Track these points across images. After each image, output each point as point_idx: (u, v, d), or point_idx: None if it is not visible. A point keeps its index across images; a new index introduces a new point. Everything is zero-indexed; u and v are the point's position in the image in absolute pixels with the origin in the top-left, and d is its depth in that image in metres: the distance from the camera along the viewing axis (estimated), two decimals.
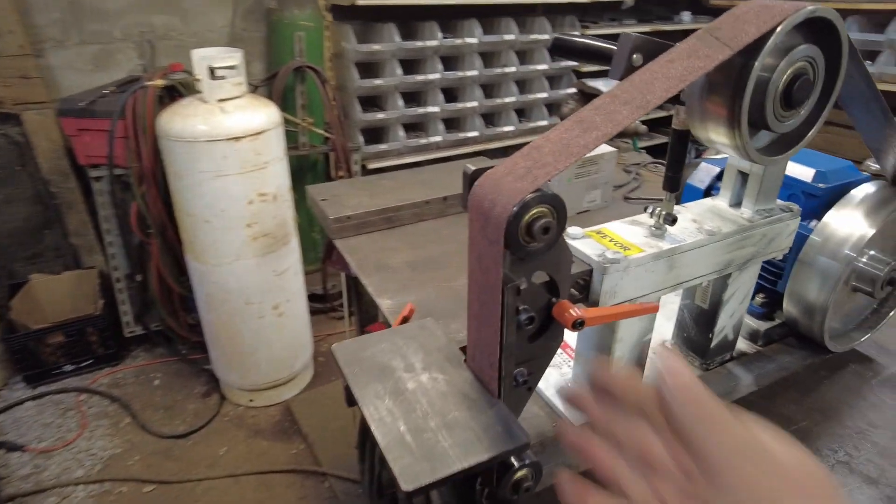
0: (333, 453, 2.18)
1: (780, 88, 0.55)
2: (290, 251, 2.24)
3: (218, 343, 2.27)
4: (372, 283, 1.16)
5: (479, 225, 0.51)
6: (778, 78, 0.54)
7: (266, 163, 2.00)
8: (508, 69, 3.09)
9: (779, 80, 0.55)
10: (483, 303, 0.54)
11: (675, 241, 0.73)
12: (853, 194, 0.86)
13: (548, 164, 0.48)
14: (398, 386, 0.57)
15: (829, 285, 0.84)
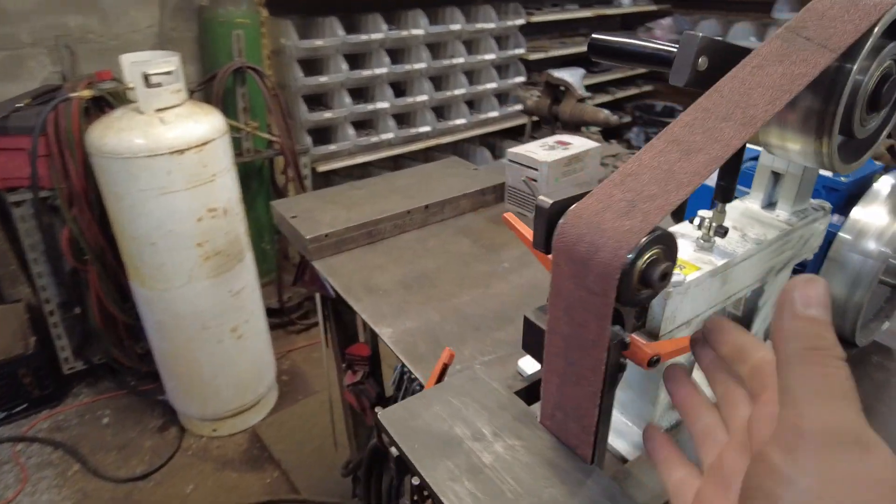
0: (311, 478, 2.06)
1: (869, 91, 0.50)
2: (245, 268, 2.08)
3: (174, 372, 2.09)
4: (366, 310, 1.06)
5: (572, 272, 0.43)
6: (868, 81, 0.49)
7: (214, 175, 1.84)
8: (456, 60, 3.01)
9: (869, 82, 0.49)
10: (573, 361, 0.46)
11: (727, 254, 0.68)
12: (877, 188, 0.84)
13: (655, 195, 0.41)
14: (472, 461, 0.48)
15: (865, 283, 0.81)
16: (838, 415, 0.28)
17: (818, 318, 0.31)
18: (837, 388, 0.29)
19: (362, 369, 1.51)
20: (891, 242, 0.79)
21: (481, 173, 1.49)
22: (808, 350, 0.30)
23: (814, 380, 0.29)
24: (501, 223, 1.36)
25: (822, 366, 0.29)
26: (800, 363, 0.30)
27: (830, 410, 0.28)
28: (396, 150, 3.00)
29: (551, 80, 1.83)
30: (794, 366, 0.30)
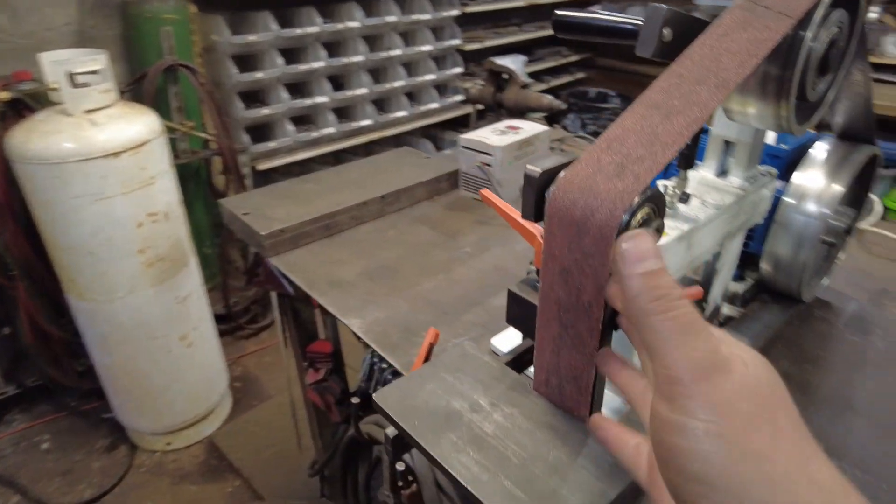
0: (275, 483, 2.01)
1: (819, 57, 0.53)
2: (190, 273, 2.01)
3: (120, 388, 1.99)
4: (332, 303, 1.04)
5: (566, 237, 0.44)
6: (819, 46, 0.53)
7: (152, 178, 1.75)
8: (394, 52, 2.99)
9: (819, 48, 0.53)
10: (567, 325, 0.47)
11: (691, 219, 0.71)
12: (813, 154, 0.89)
13: (643, 157, 0.42)
14: (474, 432, 0.49)
15: (809, 242, 0.87)
16: (695, 350, 0.30)
17: (653, 270, 0.33)
18: (687, 326, 0.31)
19: (325, 366, 1.49)
20: (828, 203, 0.85)
21: (434, 161, 1.49)
22: (652, 302, 0.32)
23: (665, 326, 0.31)
24: (458, 209, 1.37)
25: (668, 311, 0.32)
26: (650, 316, 0.32)
27: (687, 349, 0.30)
28: (338, 145, 2.95)
29: (494, 67, 1.85)
30: (646, 320, 0.32)
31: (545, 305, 0.49)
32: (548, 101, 1.75)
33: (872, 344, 0.93)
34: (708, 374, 0.30)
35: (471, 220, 1.31)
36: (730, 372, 0.30)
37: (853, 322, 0.98)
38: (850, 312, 1.00)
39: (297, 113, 2.81)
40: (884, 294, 1.04)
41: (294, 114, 2.78)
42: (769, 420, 0.29)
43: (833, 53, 0.54)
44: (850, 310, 1.01)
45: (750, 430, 0.29)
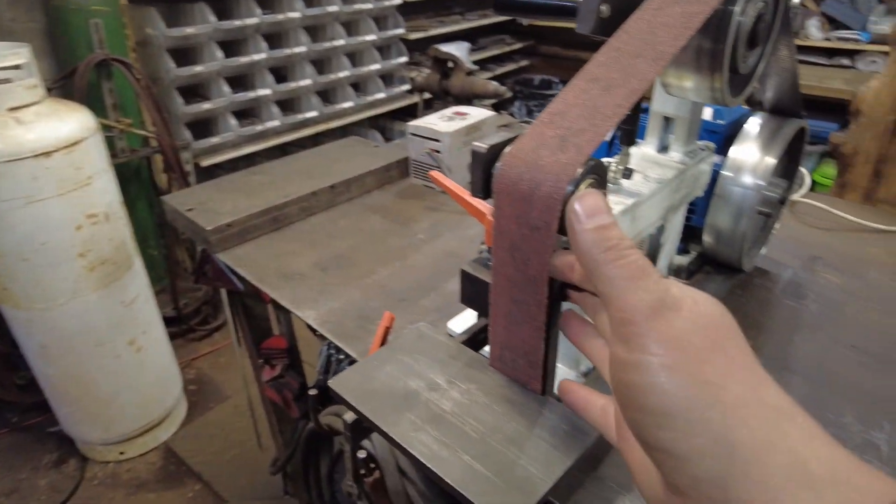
0: (237, 485, 1.97)
1: (747, 30, 0.56)
2: (136, 275, 1.94)
3: (66, 398, 1.91)
4: (284, 296, 1.02)
5: (514, 211, 0.44)
6: (747, 20, 0.55)
7: (89, 177, 1.68)
8: (337, 42, 2.94)
9: (748, 22, 0.55)
10: (518, 300, 0.48)
11: (634, 194, 0.73)
12: (748, 129, 0.93)
13: (584, 129, 0.43)
14: (432, 410, 0.49)
15: (746, 213, 0.90)
16: (646, 291, 0.32)
17: (603, 224, 0.35)
18: (636, 270, 0.33)
19: (281, 363, 1.46)
20: (763, 175, 0.89)
21: (383, 150, 1.48)
22: (603, 252, 0.34)
23: (616, 272, 0.33)
24: (409, 197, 1.36)
25: (619, 258, 0.34)
26: (601, 266, 0.34)
27: (638, 291, 0.32)
28: (283, 138, 2.89)
29: (439, 54, 1.84)
30: (599, 270, 0.34)
31: (497, 281, 0.49)
32: (493, 87, 1.76)
33: (807, 307, 0.98)
34: (659, 312, 0.31)
35: (422, 206, 1.31)
36: (680, 309, 0.32)
37: (789, 288, 1.03)
38: (786, 279, 1.05)
39: (240, 107, 2.73)
40: (815, 261, 1.10)
41: (237, 108, 2.71)
42: (721, 351, 0.31)
43: (760, 27, 0.56)
44: (786, 277, 1.06)
45: (702, 361, 0.30)
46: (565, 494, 0.63)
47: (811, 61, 3.38)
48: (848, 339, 0.90)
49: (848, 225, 1.22)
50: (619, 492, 0.64)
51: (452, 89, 1.87)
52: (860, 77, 3.06)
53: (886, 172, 1.35)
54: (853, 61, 3.29)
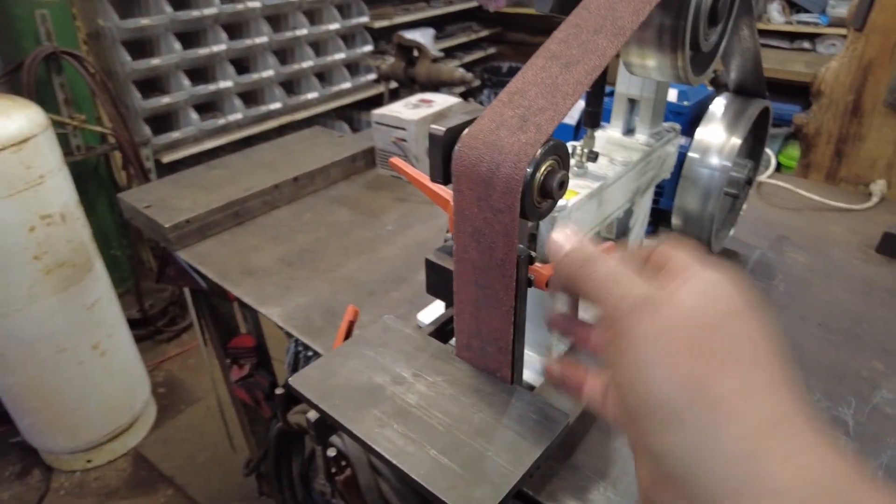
0: (211, 488, 1.93)
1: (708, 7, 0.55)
2: (97, 277, 1.87)
3: (28, 408, 1.84)
4: (248, 293, 0.99)
5: (475, 195, 0.42)
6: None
7: (42, 177, 1.61)
8: (300, 32, 2.88)
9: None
10: (484, 285, 0.46)
11: (600, 177, 0.72)
12: (713, 110, 0.93)
13: (544, 108, 0.41)
14: (398, 405, 0.47)
15: (714, 194, 0.90)
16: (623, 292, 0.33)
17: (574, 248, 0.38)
18: (613, 275, 0.35)
19: (249, 361, 1.43)
20: (728, 156, 0.89)
21: (347, 140, 1.45)
22: (579, 269, 0.36)
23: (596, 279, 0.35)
24: (377, 188, 1.34)
25: (595, 268, 0.36)
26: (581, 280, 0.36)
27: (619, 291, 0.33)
28: (247, 132, 2.82)
29: (403, 41, 1.81)
30: (581, 284, 0.36)
31: (461, 268, 0.48)
32: (460, 74, 1.74)
33: (775, 287, 0.99)
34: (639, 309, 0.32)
35: (391, 197, 1.29)
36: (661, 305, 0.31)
37: (758, 268, 1.04)
38: (754, 260, 1.06)
39: (201, 100, 2.66)
40: (782, 241, 1.11)
41: (197, 101, 2.63)
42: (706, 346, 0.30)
43: (721, 4, 0.56)
44: (754, 257, 1.07)
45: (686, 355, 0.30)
46: (539, 484, 0.62)
47: (773, 45, 3.43)
48: (815, 317, 0.91)
49: (812, 204, 1.23)
50: (593, 479, 0.63)
51: (418, 77, 1.84)
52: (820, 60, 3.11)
53: (847, 152, 1.38)
54: (814, 44, 3.35)
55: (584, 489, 0.62)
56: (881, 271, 1.01)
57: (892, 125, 1.29)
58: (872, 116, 1.31)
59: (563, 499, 0.60)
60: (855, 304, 0.93)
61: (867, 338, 0.86)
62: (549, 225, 0.64)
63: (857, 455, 0.67)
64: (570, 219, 0.67)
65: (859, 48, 1.30)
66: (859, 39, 1.29)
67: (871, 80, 1.29)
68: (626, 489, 0.61)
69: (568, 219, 0.66)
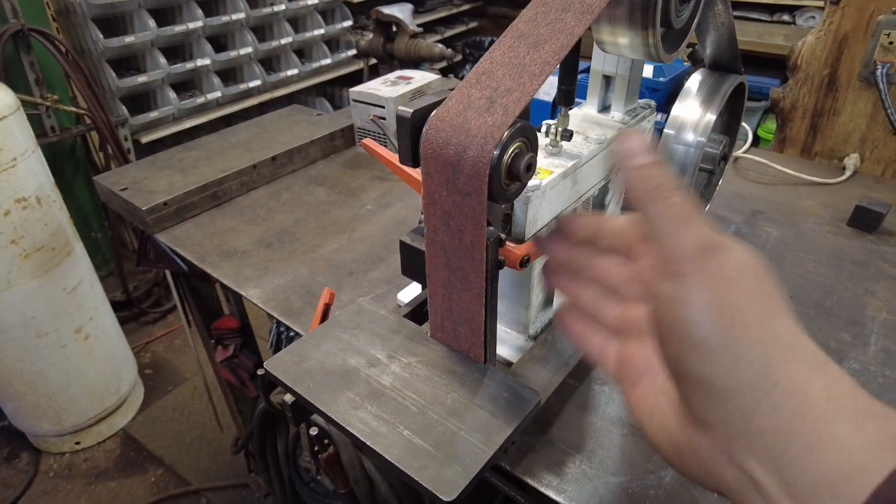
0: (200, 467, 1.95)
1: None
2: (77, 260, 1.85)
3: (11, 393, 1.83)
4: (227, 275, 0.99)
5: (443, 178, 0.43)
6: None
7: (14, 160, 1.58)
8: (278, 7, 2.82)
9: None
10: (454, 268, 0.47)
11: (574, 156, 0.72)
12: (689, 86, 0.93)
13: (511, 89, 0.41)
14: (372, 387, 0.48)
15: (690, 170, 0.91)
16: (693, 232, 0.33)
17: (646, 163, 0.36)
18: (684, 211, 0.34)
19: (233, 342, 1.43)
20: (703, 132, 0.90)
21: (325, 118, 1.43)
22: (650, 191, 0.35)
23: (666, 213, 0.34)
24: (356, 167, 1.33)
25: (665, 198, 0.35)
26: (650, 204, 0.35)
27: (687, 232, 0.33)
28: (226, 110, 2.78)
29: (382, 17, 1.78)
30: (648, 209, 0.35)
31: (432, 251, 0.48)
32: (439, 50, 1.72)
33: None
34: (707, 252, 0.32)
35: (369, 176, 1.28)
36: (726, 251, 0.32)
37: None
38: (729, 234, 1.08)
39: (178, 79, 2.61)
40: (757, 215, 1.13)
41: (175, 80, 2.58)
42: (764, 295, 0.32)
43: None
44: (730, 231, 1.08)
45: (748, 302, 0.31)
46: (516, 459, 0.63)
47: (753, 17, 3.42)
48: (787, 290, 0.93)
49: (787, 179, 1.24)
50: (569, 453, 0.64)
51: (397, 53, 1.81)
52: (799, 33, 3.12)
53: (822, 126, 1.39)
54: (793, 17, 3.35)
55: (561, 463, 0.63)
56: (851, 244, 1.04)
57: (866, 99, 1.31)
58: (847, 91, 1.32)
59: (540, 473, 0.62)
60: (825, 277, 0.95)
61: (836, 310, 0.88)
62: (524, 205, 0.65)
63: None
64: (545, 198, 0.67)
65: (835, 22, 1.30)
66: (835, 13, 1.30)
67: (847, 55, 1.30)
68: (600, 462, 0.63)
69: (542, 198, 0.67)
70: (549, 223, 0.71)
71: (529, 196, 0.64)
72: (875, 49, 1.26)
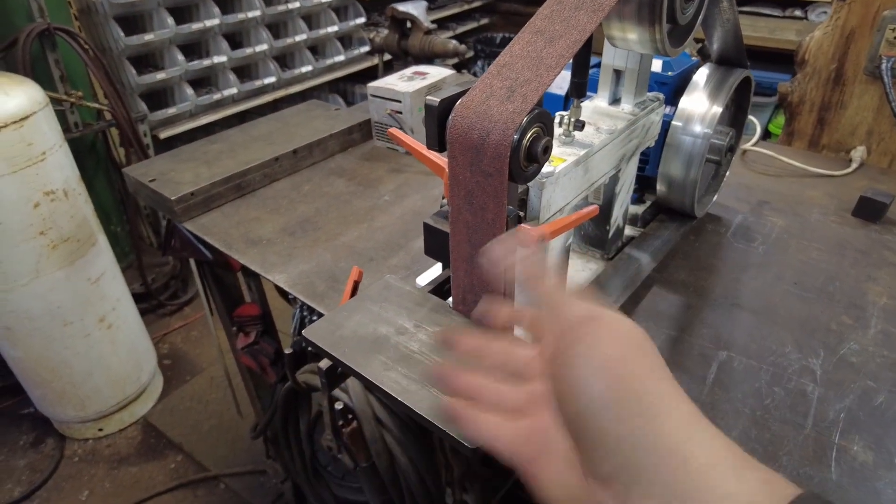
0: (218, 453, 2.01)
1: None
2: (101, 251, 1.91)
3: (38, 380, 1.89)
4: (253, 261, 1.04)
5: (468, 160, 0.47)
6: None
7: (43, 154, 1.64)
8: (293, 5, 2.87)
9: None
10: (476, 244, 0.51)
11: (586, 145, 0.76)
12: (696, 80, 0.97)
13: (529, 79, 0.46)
14: (401, 351, 0.53)
15: (696, 161, 0.95)
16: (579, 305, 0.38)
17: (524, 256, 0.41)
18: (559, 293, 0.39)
19: (254, 329, 1.48)
20: (710, 124, 0.93)
21: (343, 113, 1.48)
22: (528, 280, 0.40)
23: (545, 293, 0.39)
24: (373, 159, 1.37)
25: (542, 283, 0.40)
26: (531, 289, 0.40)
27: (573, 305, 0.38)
28: (242, 106, 2.83)
29: (396, 14, 1.82)
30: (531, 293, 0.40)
31: (455, 229, 0.52)
32: (453, 46, 1.76)
33: (755, 249, 1.04)
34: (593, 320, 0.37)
35: (387, 168, 1.33)
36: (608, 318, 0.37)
37: (739, 231, 1.09)
38: (736, 223, 1.11)
39: (196, 75, 2.66)
40: (763, 205, 1.16)
41: (192, 76, 2.64)
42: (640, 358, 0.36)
43: None
44: (736, 221, 1.12)
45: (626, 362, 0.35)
46: None
47: (765, 13, 3.44)
48: (791, 276, 0.96)
49: (793, 171, 1.28)
50: None
51: (412, 49, 1.86)
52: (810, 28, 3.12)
53: (829, 119, 1.42)
54: (805, 12, 3.36)
55: None
56: (856, 233, 1.07)
57: (872, 93, 1.33)
58: (854, 85, 1.35)
59: None
60: (828, 264, 0.98)
61: (838, 295, 0.92)
62: (538, 191, 0.69)
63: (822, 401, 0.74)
64: (558, 184, 0.72)
65: (842, 17, 1.33)
66: (843, 8, 1.33)
67: (853, 49, 1.33)
68: None
69: (555, 184, 0.71)
70: (563, 208, 0.75)
71: (544, 182, 0.68)
72: (881, 43, 1.29)
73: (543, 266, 0.41)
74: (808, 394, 0.75)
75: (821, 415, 0.71)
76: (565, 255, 0.84)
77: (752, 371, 0.79)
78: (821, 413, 0.72)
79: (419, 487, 0.89)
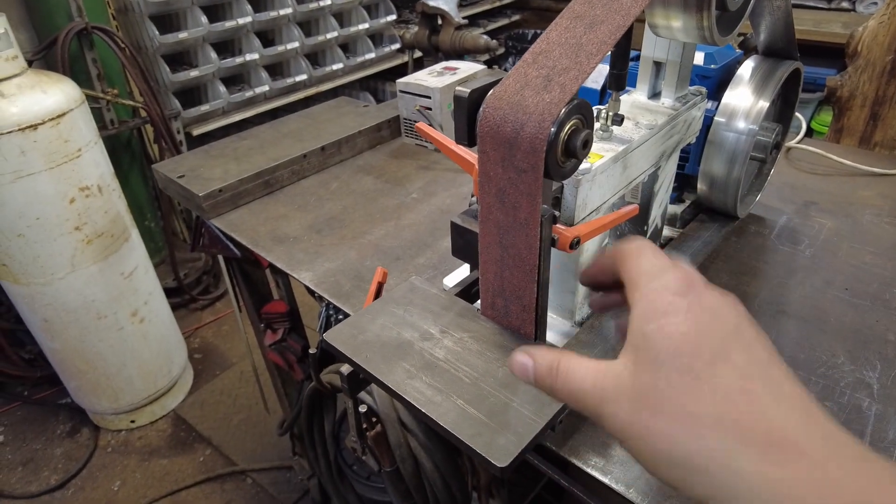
0: (246, 448, 2.02)
1: None
2: (134, 247, 1.94)
3: (74, 371, 1.93)
4: (280, 258, 1.03)
5: (500, 155, 0.44)
6: None
7: (79, 150, 1.66)
8: (324, 2, 2.87)
9: None
10: (508, 245, 0.48)
11: (625, 140, 0.72)
12: (741, 73, 0.92)
13: (568, 68, 0.42)
14: (426, 358, 0.50)
15: (740, 159, 0.90)
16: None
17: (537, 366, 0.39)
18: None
19: (282, 326, 1.48)
20: (755, 120, 0.88)
21: (372, 109, 1.46)
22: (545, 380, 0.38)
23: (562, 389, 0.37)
24: (402, 157, 1.35)
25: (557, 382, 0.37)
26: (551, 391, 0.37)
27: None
28: (273, 104, 2.85)
29: (427, 9, 1.80)
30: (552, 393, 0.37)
31: (485, 229, 0.49)
32: (484, 41, 1.72)
33: (801, 252, 0.98)
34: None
35: (415, 166, 1.30)
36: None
37: (784, 233, 1.03)
38: (780, 225, 1.05)
39: (228, 73, 2.68)
40: (810, 206, 1.10)
41: (225, 74, 2.66)
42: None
43: None
44: (780, 222, 1.06)
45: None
46: (562, 440, 0.64)
47: (811, 5, 3.30)
48: (841, 282, 0.90)
49: (843, 169, 1.21)
50: None
51: (442, 45, 1.83)
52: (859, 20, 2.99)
53: (883, 115, 1.34)
54: (853, 4, 3.21)
55: (606, 445, 0.64)
56: None
57: None
58: None
59: (586, 454, 0.63)
60: (883, 269, 0.92)
61: (895, 302, 0.85)
62: (574, 189, 0.65)
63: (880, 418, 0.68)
64: (595, 182, 0.68)
65: None
66: None
67: None
68: None
69: (592, 182, 0.67)
70: (599, 207, 0.72)
71: (580, 179, 0.65)
72: None
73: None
74: (864, 409, 0.69)
75: (879, 433, 0.66)
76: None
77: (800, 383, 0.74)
78: (879, 431, 0.66)
79: (444, 493, 0.87)
